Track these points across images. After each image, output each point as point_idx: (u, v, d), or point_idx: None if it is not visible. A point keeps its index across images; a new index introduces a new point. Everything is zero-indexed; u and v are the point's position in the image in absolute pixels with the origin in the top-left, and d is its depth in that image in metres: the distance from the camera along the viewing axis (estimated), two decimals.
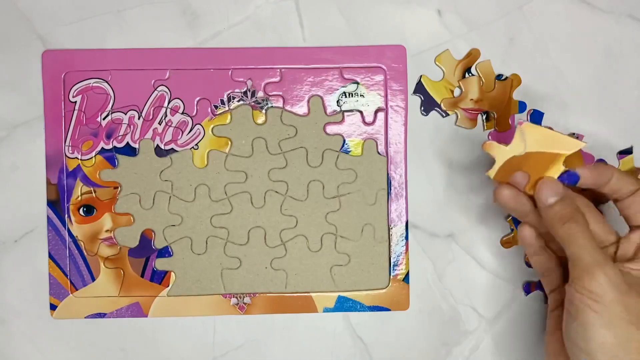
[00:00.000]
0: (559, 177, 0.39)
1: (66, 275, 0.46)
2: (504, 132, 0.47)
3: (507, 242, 0.48)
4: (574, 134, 0.48)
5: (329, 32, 0.47)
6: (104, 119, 0.46)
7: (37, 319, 0.47)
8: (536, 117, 0.48)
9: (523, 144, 0.39)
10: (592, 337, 0.35)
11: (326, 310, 0.47)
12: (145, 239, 0.46)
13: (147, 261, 0.46)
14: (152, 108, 0.47)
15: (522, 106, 0.48)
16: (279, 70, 0.47)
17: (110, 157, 0.46)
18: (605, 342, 0.35)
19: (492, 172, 0.39)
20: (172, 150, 0.47)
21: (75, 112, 0.46)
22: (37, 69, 0.46)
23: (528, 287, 0.48)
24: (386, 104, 0.47)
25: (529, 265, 0.48)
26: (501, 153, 0.39)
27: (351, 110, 0.47)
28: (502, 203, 0.40)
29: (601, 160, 0.48)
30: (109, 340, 0.47)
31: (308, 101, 0.47)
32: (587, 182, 0.39)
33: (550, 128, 0.40)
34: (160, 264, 0.46)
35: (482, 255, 0.48)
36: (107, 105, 0.46)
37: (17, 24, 0.47)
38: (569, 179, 0.39)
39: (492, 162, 0.39)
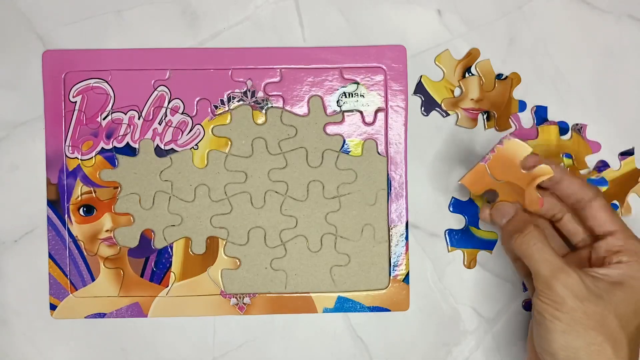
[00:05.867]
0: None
1: (66, 275, 0.46)
2: (505, 131, 0.48)
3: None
4: (577, 124, 0.48)
5: (329, 32, 0.47)
6: (104, 119, 0.46)
7: (37, 319, 0.47)
8: (541, 112, 0.48)
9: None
10: (555, 341, 0.37)
11: (326, 310, 0.47)
12: (145, 239, 0.46)
13: (147, 261, 0.46)
14: (152, 108, 0.47)
15: (522, 105, 0.48)
16: (279, 70, 0.47)
17: (110, 157, 0.46)
18: (567, 346, 0.37)
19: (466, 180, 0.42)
20: (172, 150, 0.47)
21: (75, 112, 0.46)
22: (37, 69, 0.46)
23: None
24: (386, 104, 0.47)
25: None
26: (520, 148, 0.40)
27: (351, 111, 0.47)
28: (487, 221, 0.43)
29: (602, 162, 0.48)
30: (109, 340, 0.47)
31: (308, 101, 0.47)
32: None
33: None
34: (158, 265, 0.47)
35: (482, 255, 0.48)
36: (107, 105, 0.46)
37: (17, 24, 0.47)
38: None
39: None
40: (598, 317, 0.37)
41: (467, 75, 0.48)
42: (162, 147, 0.47)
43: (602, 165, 0.48)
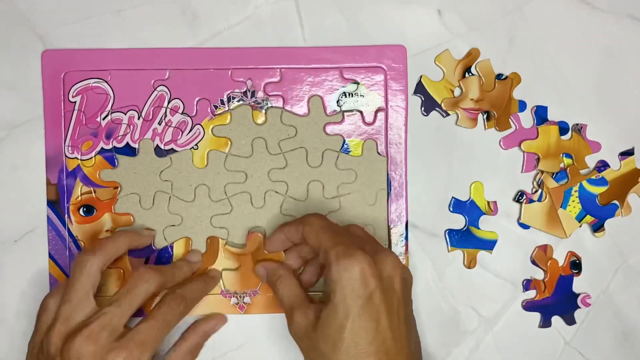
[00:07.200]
0: None
1: (66, 275, 0.46)
2: (504, 131, 0.48)
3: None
4: (577, 124, 0.48)
5: (329, 32, 0.47)
6: (103, 119, 0.46)
7: None
8: (541, 112, 0.48)
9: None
10: None
11: None
12: None
13: (147, 261, 0.46)
14: (152, 108, 0.47)
15: (522, 105, 0.48)
16: (279, 70, 0.47)
17: (110, 157, 0.46)
18: None
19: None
20: (172, 150, 0.47)
21: (75, 112, 0.46)
22: (37, 69, 0.46)
23: (528, 284, 0.48)
24: (386, 104, 0.47)
25: (534, 263, 0.48)
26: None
27: (351, 110, 0.47)
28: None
29: (602, 162, 0.48)
30: None
31: (308, 101, 0.47)
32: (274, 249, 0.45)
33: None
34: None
35: (482, 255, 0.48)
36: (106, 105, 0.46)
37: (17, 24, 0.47)
38: None
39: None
40: (312, 350, 0.38)
41: (467, 75, 0.48)
42: (162, 147, 0.47)
43: (602, 165, 0.48)
